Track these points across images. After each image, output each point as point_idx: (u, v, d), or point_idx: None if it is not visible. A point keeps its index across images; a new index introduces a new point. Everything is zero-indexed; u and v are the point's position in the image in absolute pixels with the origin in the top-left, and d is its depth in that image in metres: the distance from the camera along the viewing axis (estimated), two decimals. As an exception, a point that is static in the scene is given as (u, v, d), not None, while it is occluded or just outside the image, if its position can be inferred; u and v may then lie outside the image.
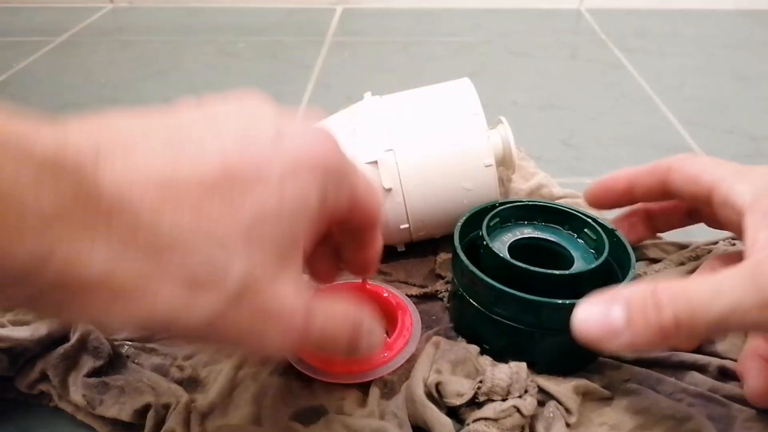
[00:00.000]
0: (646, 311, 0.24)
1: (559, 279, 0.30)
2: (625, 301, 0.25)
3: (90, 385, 0.29)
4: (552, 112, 0.63)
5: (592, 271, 0.30)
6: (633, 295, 0.25)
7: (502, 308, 0.29)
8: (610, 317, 0.25)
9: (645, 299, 0.25)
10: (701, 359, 0.31)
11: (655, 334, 0.24)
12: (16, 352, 0.29)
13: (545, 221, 0.36)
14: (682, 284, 0.25)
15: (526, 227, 0.35)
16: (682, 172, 0.32)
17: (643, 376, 0.30)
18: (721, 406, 0.29)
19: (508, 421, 0.27)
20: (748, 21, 0.90)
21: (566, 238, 0.35)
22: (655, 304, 0.24)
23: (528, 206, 0.36)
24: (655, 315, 0.24)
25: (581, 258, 0.33)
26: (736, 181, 0.29)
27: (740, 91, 0.67)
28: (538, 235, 0.35)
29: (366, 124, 0.36)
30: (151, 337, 0.31)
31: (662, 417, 0.28)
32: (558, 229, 0.35)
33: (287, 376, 0.31)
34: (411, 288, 0.37)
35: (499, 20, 0.90)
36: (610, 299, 0.25)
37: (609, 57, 0.77)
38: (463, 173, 0.36)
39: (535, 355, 0.30)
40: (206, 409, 0.29)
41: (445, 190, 0.36)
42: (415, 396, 0.28)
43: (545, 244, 0.34)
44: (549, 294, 0.28)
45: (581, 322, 0.25)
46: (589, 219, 0.34)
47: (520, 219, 0.36)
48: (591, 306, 0.26)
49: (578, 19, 0.92)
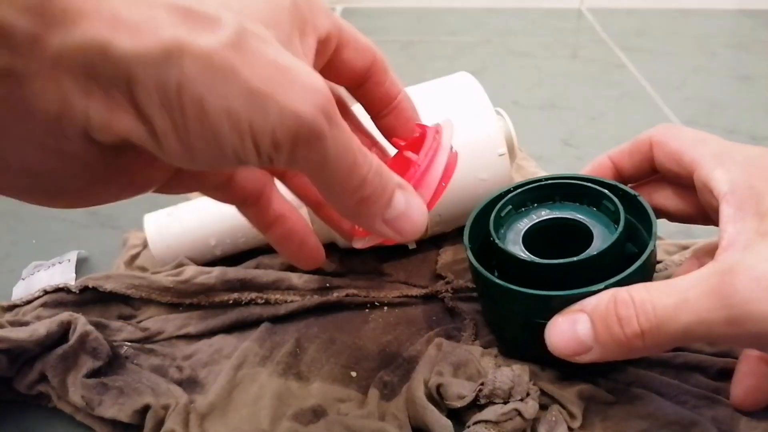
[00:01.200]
0: (610, 325, 0.24)
1: (572, 265, 0.28)
2: (589, 315, 0.25)
3: (89, 386, 0.29)
4: (553, 112, 0.62)
5: (609, 248, 0.28)
6: (596, 309, 0.25)
7: (515, 305, 0.29)
8: (577, 332, 0.25)
9: (608, 312, 0.24)
10: (705, 360, 0.31)
11: (622, 346, 0.24)
12: (15, 352, 0.29)
13: (562, 199, 0.33)
14: (647, 293, 0.24)
15: (543, 209, 0.33)
16: (664, 149, 0.30)
17: (647, 380, 0.30)
18: (725, 408, 0.28)
19: (509, 425, 0.27)
20: (749, 20, 0.90)
21: (586, 211, 0.32)
22: (619, 317, 0.24)
23: (542, 186, 0.33)
24: (618, 328, 0.24)
25: (602, 233, 0.31)
26: (716, 165, 0.27)
27: (741, 90, 0.67)
28: (556, 215, 0.33)
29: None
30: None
31: (667, 422, 0.28)
32: (576, 204, 0.33)
33: (287, 377, 0.31)
34: (412, 288, 0.37)
35: (499, 19, 0.90)
36: (577, 312, 0.25)
37: (610, 56, 0.76)
38: (478, 164, 0.36)
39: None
40: (205, 409, 0.29)
41: (461, 182, 0.36)
42: (415, 397, 0.28)
43: (564, 222, 0.32)
44: (570, 278, 0.27)
45: (552, 337, 0.26)
46: (605, 190, 0.31)
47: (535, 201, 0.34)
48: (560, 320, 0.26)
49: (579, 18, 0.91)
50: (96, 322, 0.32)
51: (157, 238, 0.37)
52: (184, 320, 0.34)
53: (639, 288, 0.25)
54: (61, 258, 0.39)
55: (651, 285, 0.25)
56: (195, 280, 0.35)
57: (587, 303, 0.25)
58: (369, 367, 0.32)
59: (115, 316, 0.34)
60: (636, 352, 0.24)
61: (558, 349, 0.26)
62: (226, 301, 0.35)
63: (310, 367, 0.32)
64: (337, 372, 0.32)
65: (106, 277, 0.35)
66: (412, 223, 0.21)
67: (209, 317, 0.34)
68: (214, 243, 0.38)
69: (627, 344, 0.24)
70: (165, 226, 0.37)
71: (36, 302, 0.34)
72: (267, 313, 0.35)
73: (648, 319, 0.24)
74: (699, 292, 0.23)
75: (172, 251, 0.37)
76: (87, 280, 0.34)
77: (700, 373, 0.30)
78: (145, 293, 0.34)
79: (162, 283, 0.35)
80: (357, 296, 0.36)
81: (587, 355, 0.25)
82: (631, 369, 0.31)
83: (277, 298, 0.35)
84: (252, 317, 0.34)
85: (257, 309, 0.35)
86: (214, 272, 0.36)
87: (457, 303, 0.36)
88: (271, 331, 0.34)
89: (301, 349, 0.33)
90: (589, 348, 0.25)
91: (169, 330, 0.34)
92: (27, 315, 0.33)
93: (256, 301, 0.35)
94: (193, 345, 0.34)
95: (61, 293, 0.34)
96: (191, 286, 0.35)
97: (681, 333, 0.23)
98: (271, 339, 0.33)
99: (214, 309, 0.35)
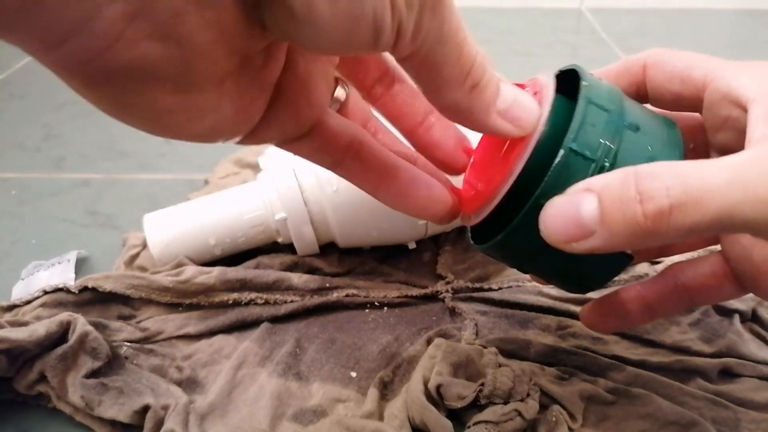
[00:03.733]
0: (625, 201, 0.20)
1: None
2: (598, 194, 0.20)
3: (88, 386, 0.29)
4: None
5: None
6: (609, 183, 0.20)
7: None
8: (580, 212, 0.20)
9: (625, 186, 0.20)
10: (705, 364, 0.31)
11: (635, 228, 0.20)
12: (15, 352, 0.29)
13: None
14: (683, 165, 0.20)
15: None
16: (664, 68, 0.26)
17: (647, 380, 0.30)
18: (726, 409, 0.28)
19: (509, 425, 0.27)
20: (749, 20, 0.90)
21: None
22: (640, 190, 0.19)
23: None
24: (636, 205, 0.19)
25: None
26: (737, 74, 0.24)
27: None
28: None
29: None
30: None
31: (667, 422, 0.28)
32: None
33: (287, 377, 0.31)
34: (412, 288, 0.37)
35: (499, 19, 0.90)
36: (582, 190, 0.20)
37: (610, 56, 0.76)
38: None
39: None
40: (205, 409, 0.29)
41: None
42: (415, 397, 0.28)
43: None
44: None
45: (546, 219, 0.21)
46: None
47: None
48: (559, 201, 0.21)
49: (579, 18, 0.91)
50: (95, 323, 0.32)
51: (157, 238, 0.37)
52: (183, 320, 0.34)
53: (669, 163, 0.20)
54: (61, 258, 0.39)
55: (688, 162, 0.20)
56: (195, 280, 0.35)
57: (596, 181, 0.20)
58: (369, 367, 0.32)
59: (115, 316, 0.34)
60: (650, 238, 0.20)
61: (551, 233, 0.21)
62: (226, 301, 0.35)
63: (310, 367, 0.32)
64: (337, 372, 0.32)
65: (105, 277, 0.34)
66: (529, 111, 0.20)
67: (209, 317, 0.34)
68: (214, 243, 0.38)
69: (643, 227, 0.19)
70: (165, 226, 0.37)
71: (35, 302, 0.34)
72: (267, 313, 0.35)
73: (686, 191, 0.19)
74: (758, 170, 0.19)
75: (172, 251, 0.37)
76: (87, 280, 0.34)
77: (699, 376, 0.31)
78: (144, 293, 0.34)
79: (162, 283, 0.35)
80: (357, 296, 0.36)
81: (587, 241, 0.20)
82: (631, 369, 0.31)
83: (277, 298, 0.35)
84: (252, 317, 0.34)
85: (257, 309, 0.35)
86: (214, 272, 0.36)
87: (457, 303, 0.36)
88: (270, 331, 0.34)
89: (301, 349, 0.33)
90: (590, 232, 0.20)
91: (169, 330, 0.34)
92: (26, 315, 0.33)
93: (255, 301, 0.35)
94: (192, 345, 0.33)
95: (61, 293, 0.34)
96: (191, 286, 0.35)
97: (725, 213, 0.19)
98: (270, 339, 0.33)
99: (214, 309, 0.35)
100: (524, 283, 0.37)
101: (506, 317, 0.35)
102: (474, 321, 0.34)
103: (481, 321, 0.34)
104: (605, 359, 0.31)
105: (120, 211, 0.46)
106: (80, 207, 0.46)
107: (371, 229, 0.37)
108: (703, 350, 0.32)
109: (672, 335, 0.33)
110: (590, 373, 0.30)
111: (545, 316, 0.35)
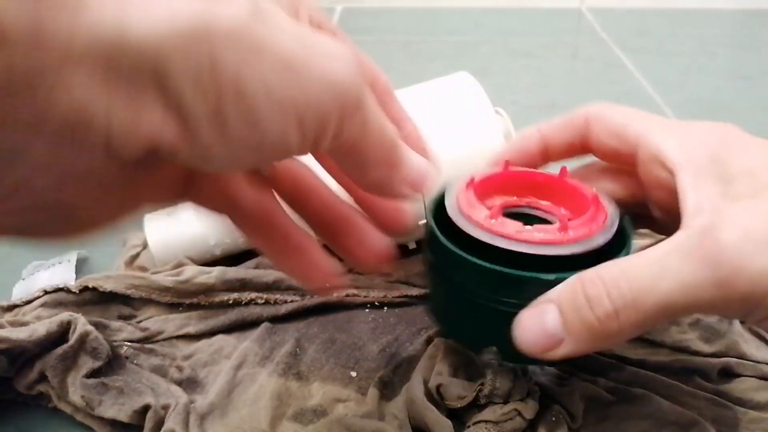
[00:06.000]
0: (579, 308, 0.21)
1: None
2: (556, 304, 0.22)
3: (89, 386, 0.29)
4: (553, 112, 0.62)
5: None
6: (561, 294, 0.22)
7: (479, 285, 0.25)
8: (546, 324, 0.22)
9: (574, 295, 0.21)
10: (704, 364, 0.31)
11: (595, 332, 0.21)
12: (15, 352, 0.29)
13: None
14: (617, 267, 0.21)
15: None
16: (604, 124, 0.27)
17: (647, 380, 0.30)
18: (726, 409, 0.28)
19: (509, 425, 0.27)
20: (749, 20, 0.90)
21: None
22: (587, 297, 0.21)
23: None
24: (588, 311, 0.21)
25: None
26: (667, 135, 0.25)
27: (742, 90, 0.67)
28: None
29: None
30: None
31: (667, 422, 0.28)
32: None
33: (287, 377, 0.31)
34: (412, 288, 0.37)
35: (500, 19, 0.90)
36: (543, 303, 0.22)
37: (610, 56, 0.76)
38: (477, 164, 0.36)
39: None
40: (205, 409, 0.29)
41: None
42: (415, 397, 0.28)
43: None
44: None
45: (521, 334, 0.23)
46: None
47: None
48: (527, 314, 0.23)
49: (579, 18, 0.91)
50: (96, 322, 0.32)
51: (157, 238, 0.37)
52: (184, 320, 0.34)
53: (607, 265, 0.22)
54: (61, 258, 0.39)
55: (621, 260, 0.22)
56: (195, 280, 0.35)
57: (553, 292, 0.22)
58: (369, 367, 0.32)
59: (115, 316, 0.34)
60: (612, 337, 0.22)
61: (527, 346, 0.22)
62: (226, 301, 0.35)
63: (310, 367, 0.32)
64: (337, 372, 0.32)
65: (106, 277, 0.35)
66: (425, 175, 0.21)
67: (209, 317, 0.34)
68: (214, 243, 0.38)
69: (600, 329, 0.21)
70: (165, 226, 0.37)
71: (36, 302, 0.34)
72: (267, 313, 0.35)
73: (621, 295, 0.21)
74: (679, 256, 0.21)
75: (172, 251, 0.37)
76: (87, 280, 0.34)
77: (699, 376, 0.31)
78: (145, 293, 0.34)
79: (162, 283, 0.35)
80: (357, 296, 0.36)
81: (559, 349, 0.22)
82: (631, 369, 0.31)
83: (277, 298, 0.35)
84: (252, 317, 0.34)
85: (257, 309, 0.35)
86: (214, 272, 0.36)
87: (457, 303, 0.36)
88: (271, 331, 0.34)
89: (301, 349, 0.33)
90: (559, 340, 0.22)
91: (169, 330, 0.34)
92: (27, 315, 0.33)
93: (256, 301, 0.35)
94: (193, 345, 0.34)
95: (61, 293, 0.34)
96: (191, 286, 0.35)
97: (662, 305, 0.20)
98: (271, 339, 0.33)
99: (214, 309, 0.35)
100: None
101: (506, 317, 0.35)
102: (474, 321, 0.34)
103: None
104: (605, 359, 0.31)
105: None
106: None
107: None
108: (702, 350, 0.32)
109: (672, 335, 0.33)
110: (590, 373, 0.30)
111: (545, 316, 0.35)
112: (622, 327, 0.21)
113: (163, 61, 0.13)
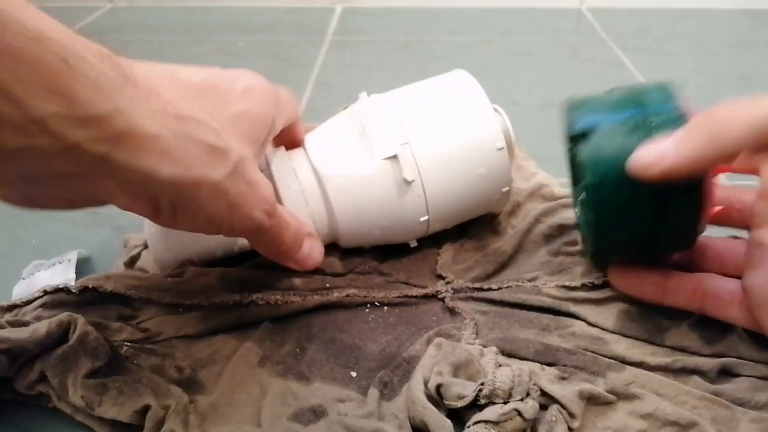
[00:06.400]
0: (698, 125, 0.27)
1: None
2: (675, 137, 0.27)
3: (89, 386, 0.29)
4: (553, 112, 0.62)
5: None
6: (685, 127, 0.27)
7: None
8: (661, 145, 0.27)
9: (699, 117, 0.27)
10: (703, 364, 0.31)
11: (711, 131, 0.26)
12: (15, 352, 0.29)
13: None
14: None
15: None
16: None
17: (647, 380, 0.30)
18: (725, 409, 0.28)
19: (509, 425, 0.27)
20: (749, 20, 0.90)
21: None
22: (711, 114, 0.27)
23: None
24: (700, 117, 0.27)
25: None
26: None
27: (742, 90, 0.67)
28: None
29: (375, 121, 0.36)
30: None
31: (666, 422, 0.28)
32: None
33: (287, 377, 0.31)
34: (412, 288, 0.37)
35: (499, 19, 0.90)
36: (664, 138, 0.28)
37: (610, 56, 0.76)
38: (477, 158, 0.36)
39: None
40: (206, 410, 0.29)
41: (461, 177, 0.36)
42: (415, 397, 0.28)
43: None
44: None
45: (638, 155, 0.28)
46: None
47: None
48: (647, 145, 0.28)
49: (579, 18, 0.91)
50: (96, 323, 0.32)
51: (157, 238, 0.37)
52: (184, 321, 0.34)
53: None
54: (62, 258, 0.39)
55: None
56: (195, 281, 0.35)
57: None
58: (369, 367, 0.32)
59: (115, 316, 0.34)
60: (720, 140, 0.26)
61: (636, 161, 0.28)
62: (226, 301, 0.35)
63: (310, 367, 0.32)
64: (337, 372, 0.32)
65: (106, 278, 0.35)
66: (313, 260, 0.34)
67: (209, 318, 0.34)
68: (215, 244, 0.38)
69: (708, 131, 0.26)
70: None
71: (36, 302, 0.34)
72: (267, 313, 0.35)
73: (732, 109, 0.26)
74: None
75: (172, 253, 0.37)
76: (87, 281, 0.34)
77: (699, 376, 0.31)
78: (145, 294, 0.34)
79: (162, 284, 0.35)
80: (357, 296, 0.36)
81: (661, 163, 0.27)
82: (631, 369, 0.31)
83: (277, 299, 0.35)
84: (252, 317, 0.34)
85: (257, 309, 0.35)
86: (214, 272, 0.36)
87: (457, 303, 0.36)
88: (271, 331, 0.34)
89: (301, 349, 0.33)
90: (666, 156, 0.27)
91: (169, 330, 0.34)
92: (27, 315, 0.33)
93: (256, 301, 0.35)
94: (193, 345, 0.33)
95: (61, 293, 0.34)
96: (191, 286, 0.35)
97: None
98: (271, 339, 0.33)
99: (215, 309, 0.35)
100: (524, 283, 0.37)
101: (506, 317, 0.35)
102: (474, 321, 0.34)
103: (481, 321, 0.34)
104: (605, 359, 0.31)
105: (121, 212, 0.45)
106: (80, 207, 0.46)
107: (373, 228, 0.37)
108: (702, 350, 0.32)
109: (672, 335, 0.33)
110: (590, 373, 0.30)
111: (545, 316, 0.35)
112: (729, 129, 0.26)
113: (163, 192, 0.25)
